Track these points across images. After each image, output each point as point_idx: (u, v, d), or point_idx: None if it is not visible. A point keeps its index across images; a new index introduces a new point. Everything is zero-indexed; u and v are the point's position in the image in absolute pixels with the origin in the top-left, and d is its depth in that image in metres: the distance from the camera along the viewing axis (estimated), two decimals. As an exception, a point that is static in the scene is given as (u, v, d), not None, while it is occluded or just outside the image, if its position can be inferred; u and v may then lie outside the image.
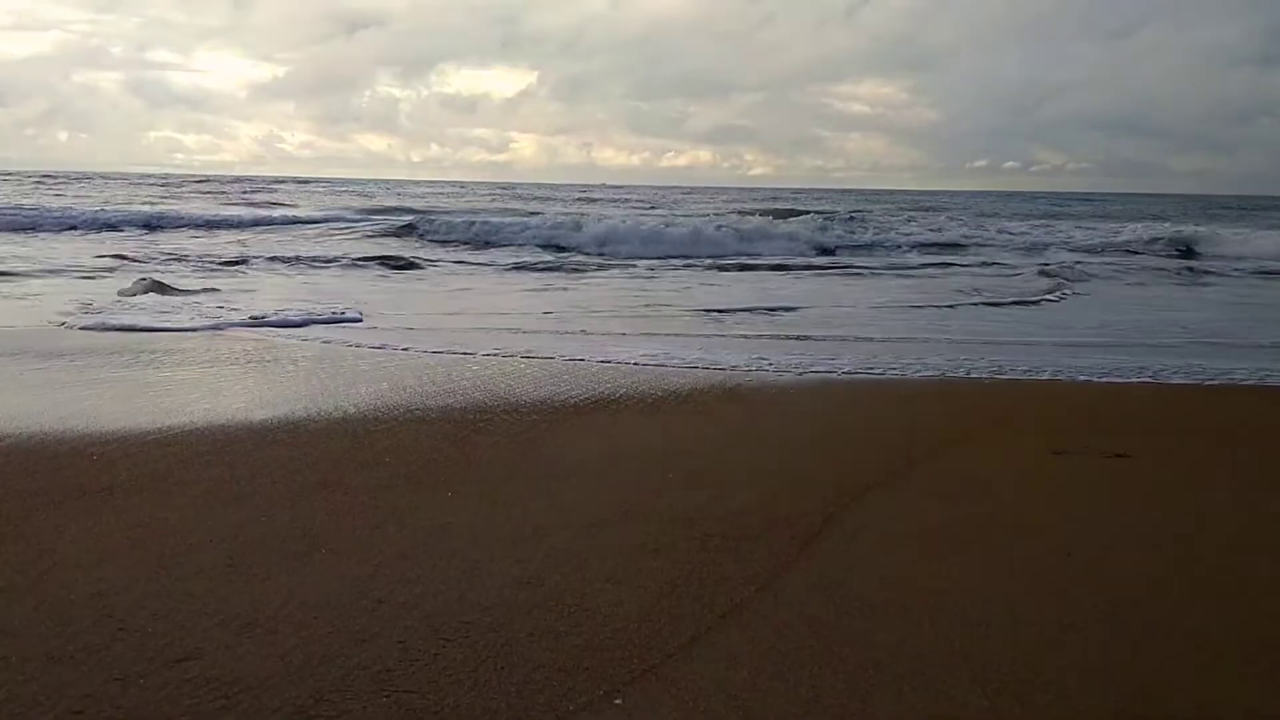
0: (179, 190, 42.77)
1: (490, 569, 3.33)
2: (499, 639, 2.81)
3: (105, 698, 2.42)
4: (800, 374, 7.25)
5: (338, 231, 24.45)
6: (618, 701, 2.49)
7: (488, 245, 21.95)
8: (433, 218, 25.86)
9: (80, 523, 3.70)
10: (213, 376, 6.80)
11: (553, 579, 3.25)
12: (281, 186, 52.81)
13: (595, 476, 4.48)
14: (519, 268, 17.69)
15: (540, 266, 17.95)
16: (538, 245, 21.71)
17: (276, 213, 28.64)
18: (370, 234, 23.86)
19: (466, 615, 2.96)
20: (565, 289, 14.23)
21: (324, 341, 8.38)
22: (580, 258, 19.54)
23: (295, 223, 26.11)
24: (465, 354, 7.73)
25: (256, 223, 25.61)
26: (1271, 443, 5.63)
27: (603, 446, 5.10)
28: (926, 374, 7.32)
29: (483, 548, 3.53)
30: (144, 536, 3.57)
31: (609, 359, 7.60)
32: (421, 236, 23.44)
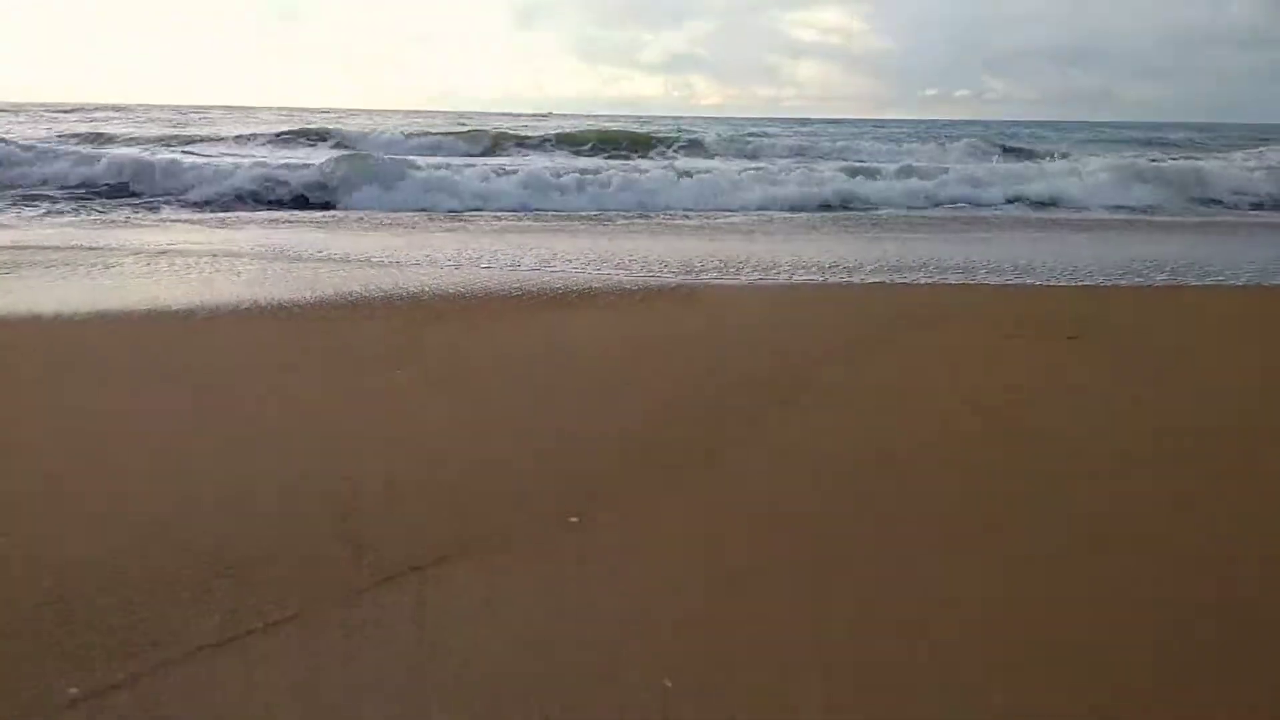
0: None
1: (440, 428, 3.26)
2: (450, 474, 2.76)
3: (36, 536, 2.33)
4: (761, 278, 7.20)
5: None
6: (573, 520, 2.43)
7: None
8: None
9: (19, 399, 3.58)
10: (151, 279, 6.61)
11: (504, 435, 3.18)
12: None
13: (547, 360, 4.41)
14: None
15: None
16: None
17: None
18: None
19: (416, 459, 2.90)
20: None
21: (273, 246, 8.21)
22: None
23: None
24: (413, 265, 7.60)
25: None
26: (1219, 326, 5.67)
27: (556, 338, 5.02)
28: (878, 279, 7.30)
29: (434, 417, 3.45)
30: (82, 410, 3.46)
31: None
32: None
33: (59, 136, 20.72)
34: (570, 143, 22.55)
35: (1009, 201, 14.19)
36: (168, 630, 1.82)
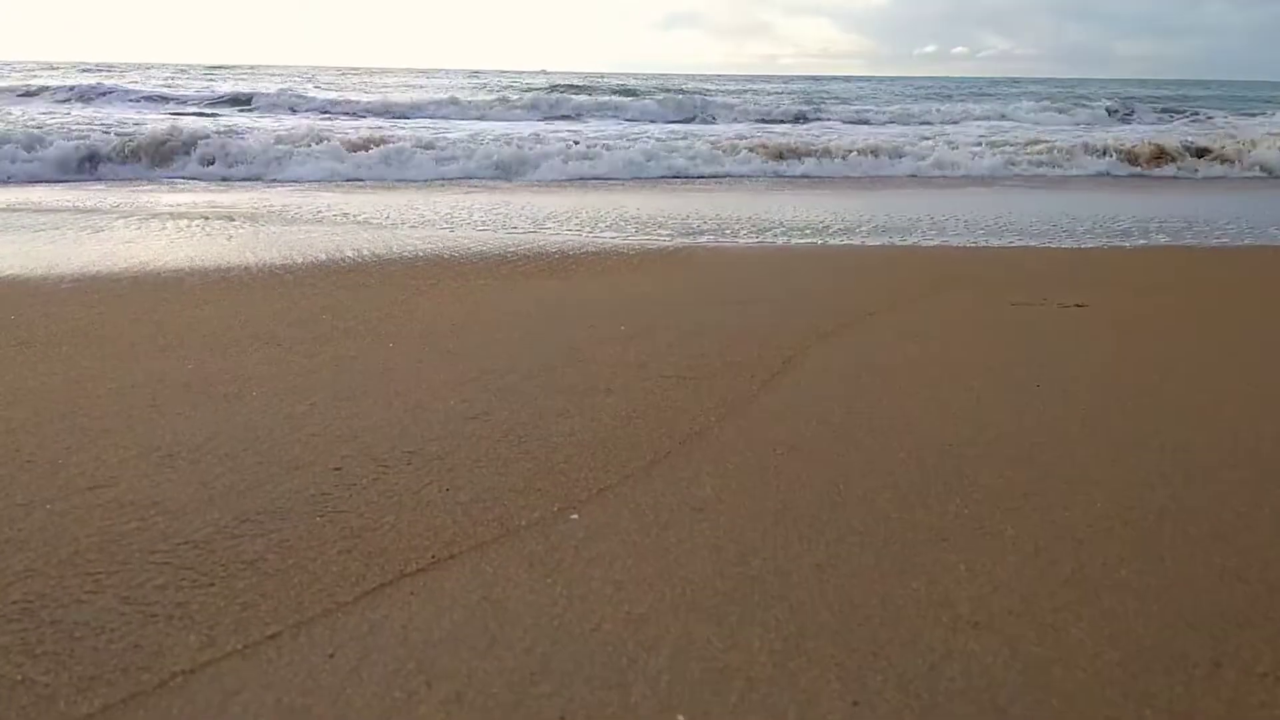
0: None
1: (434, 407, 3.12)
2: (444, 465, 2.61)
3: (5, 521, 2.19)
4: (759, 240, 7.05)
5: None
6: (573, 516, 2.30)
7: None
8: None
9: (-12, 371, 3.44)
10: (141, 240, 6.45)
11: (501, 414, 3.05)
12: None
13: (543, 329, 4.27)
14: None
15: None
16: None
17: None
18: None
19: (409, 445, 2.76)
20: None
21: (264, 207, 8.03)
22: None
23: None
24: (404, 226, 7.44)
25: None
26: (1226, 292, 5.54)
27: (551, 305, 4.88)
28: (878, 241, 7.17)
29: (426, 389, 3.32)
30: (60, 383, 3.31)
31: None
32: None
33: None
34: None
35: None
36: (142, 653, 1.70)
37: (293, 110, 20.17)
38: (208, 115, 18.34)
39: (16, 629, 1.76)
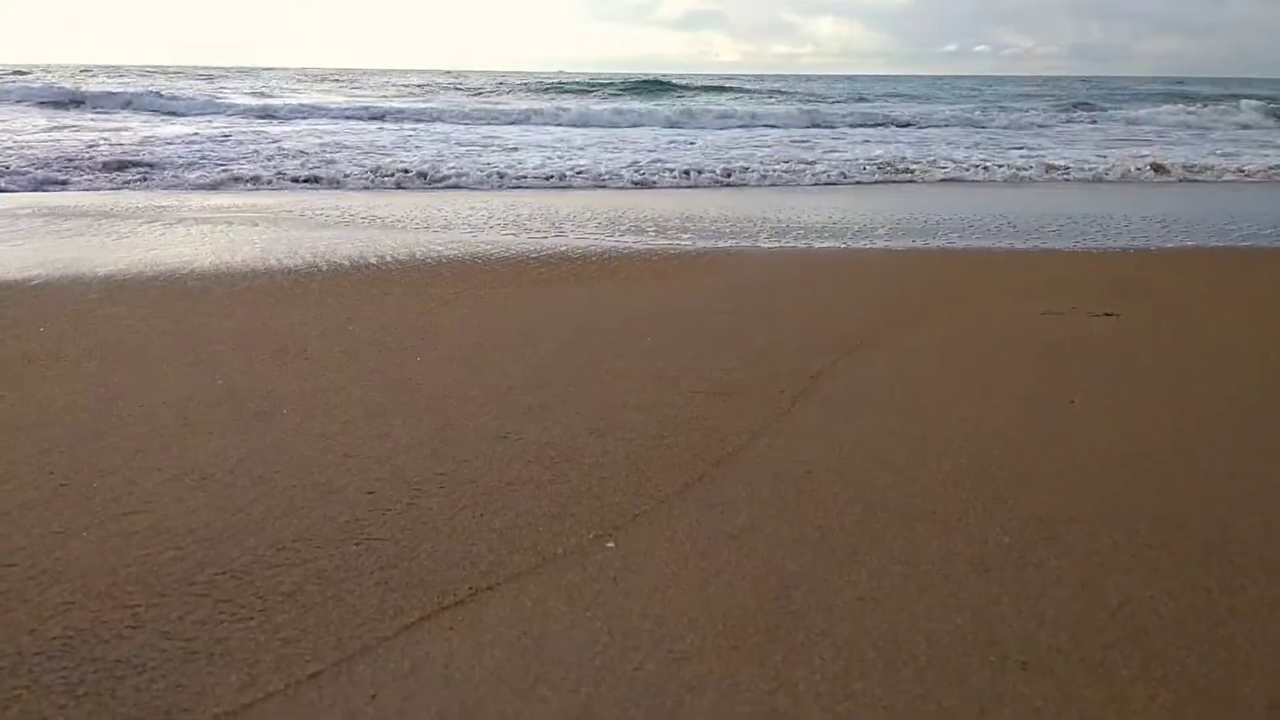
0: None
1: (465, 426, 3.11)
2: (477, 489, 2.60)
3: (42, 550, 2.19)
4: (780, 244, 7.02)
5: None
6: (609, 544, 2.29)
7: None
8: None
9: (22, 389, 3.44)
10: (167, 246, 6.45)
11: (532, 433, 3.04)
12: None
13: (570, 342, 4.25)
14: None
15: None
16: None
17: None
18: None
19: (441, 467, 2.75)
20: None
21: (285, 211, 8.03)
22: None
23: None
24: (428, 230, 7.43)
25: None
26: (1256, 299, 5.47)
27: (577, 315, 4.86)
28: (902, 245, 7.12)
29: (456, 406, 3.31)
30: (92, 400, 3.32)
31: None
32: None
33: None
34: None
35: None
36: (185, 694, 1.69)
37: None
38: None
39: (58, 667, 1.75)
